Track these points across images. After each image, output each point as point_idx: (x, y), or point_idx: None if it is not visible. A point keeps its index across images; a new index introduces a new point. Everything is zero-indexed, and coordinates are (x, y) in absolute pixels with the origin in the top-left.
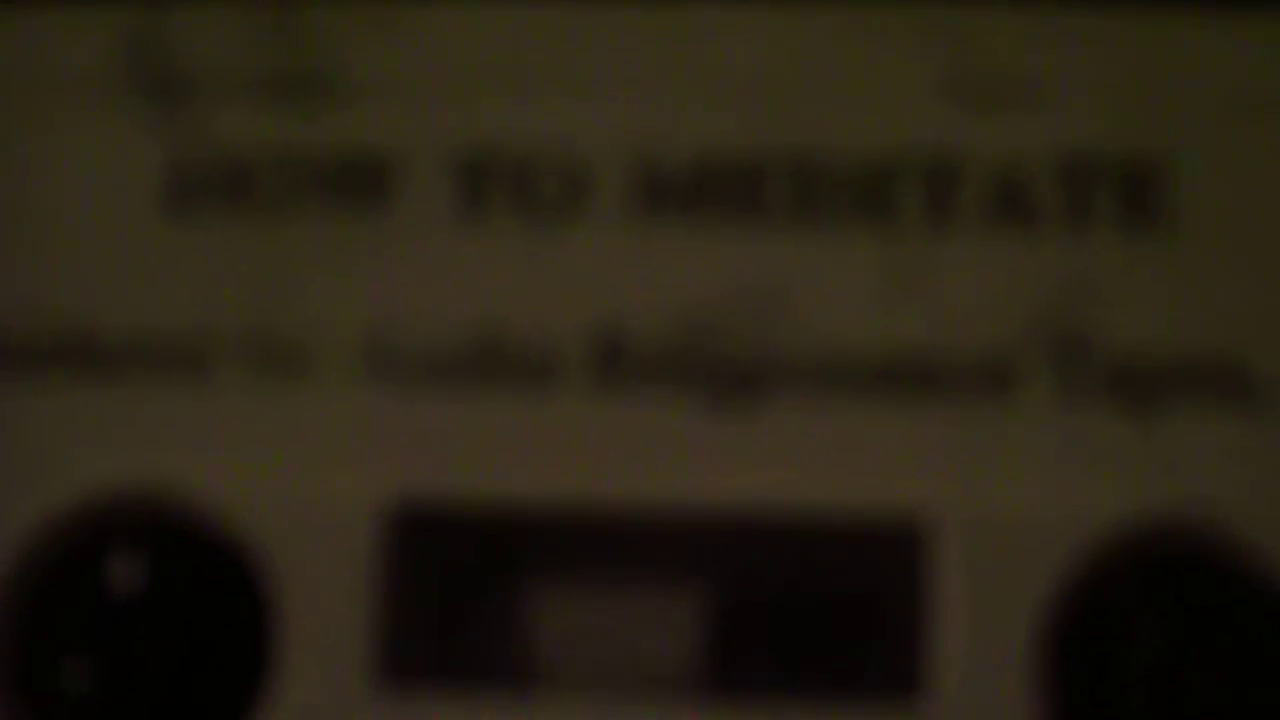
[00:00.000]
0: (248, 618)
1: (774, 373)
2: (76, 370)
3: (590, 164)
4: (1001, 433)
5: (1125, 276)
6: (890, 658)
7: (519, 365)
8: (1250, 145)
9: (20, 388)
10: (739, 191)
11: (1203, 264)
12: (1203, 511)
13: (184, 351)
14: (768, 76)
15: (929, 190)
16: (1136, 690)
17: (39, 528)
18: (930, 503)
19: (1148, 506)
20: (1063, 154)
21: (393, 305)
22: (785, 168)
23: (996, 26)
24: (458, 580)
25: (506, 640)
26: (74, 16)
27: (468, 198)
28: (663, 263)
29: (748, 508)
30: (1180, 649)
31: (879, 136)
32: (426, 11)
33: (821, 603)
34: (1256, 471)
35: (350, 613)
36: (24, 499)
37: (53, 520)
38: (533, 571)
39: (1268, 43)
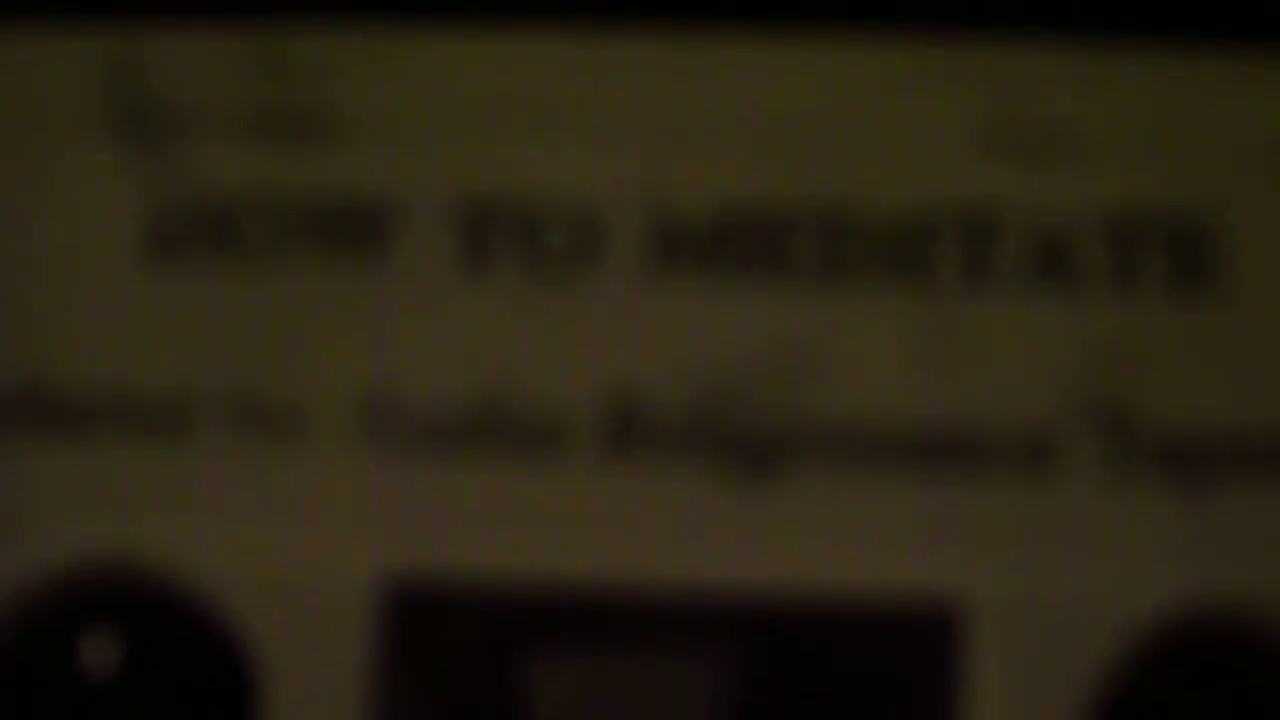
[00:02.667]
0: (231, 699)
1: (798, 443)
2: (49, 430)
3: (603, 213)
4: (1041, 510)
5: (1174, 343)
6: None
7: (524, 431)
8: None
9: None
10: (763, 246)
11: (1257, 330)
12: (1254, 596)
13: (165, 411)
14: (795, 122)
15: (965, 247)
16: None
17: (6, 602)
18: (964, 585)
19: (1196, 591)
20: (1108, 210)
21: (390, 364)
22: (813, 221)
23: (1039, 72)
24: (457, 662)
25: None
26: (47, 47)
27: (471, 248)
28: (680, 322)
29: (769, 588)
30: None
31: (913, 189)
32: (428, 44)
33: (847, 691)
34: None
35: (341, 696)
36: None
37: (21, 594)
38: (537, 653)
39: None
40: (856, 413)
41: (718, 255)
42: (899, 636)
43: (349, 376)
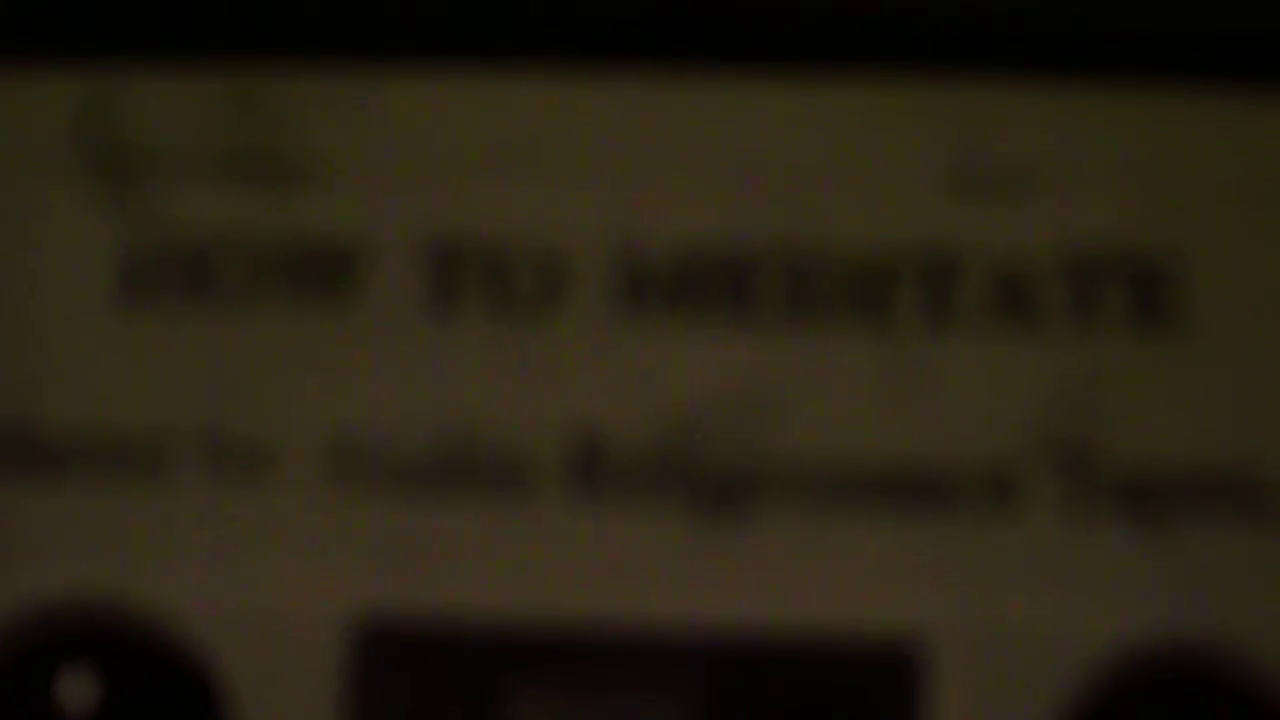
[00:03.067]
0: None
1: (763, 482)
2: (21, 470)
3: (570, 255)
4: (1003, 548)
5: (1135, 381)
6: None
7: (492, 470)
8: (1271, 238)
9: None
10: (728, 286)
11: (1218, 368)
12: (1214, 631)
13: (137, 451)
14: (760, 163)
15: (928, 287)
16: None
17: None
18: (926, 622)
19: (1157, 626)
20: (1070, 249)
21: (359, 405)
22: (778, 261)
23: (1001, 112)
24: (426, 699)
25: None
26: (22, 89)
27: (439, 290)
28: (646, 362)
29: (734, 627)
30: None
31: (877, 229)
32: (397, 88)
33: None
34: (1268, 588)
35: None
36: None
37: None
38: (505, 690)
39: None
40: (821, 452)
41: (683, 295)
42: (863, 673)
43: (319, 416)
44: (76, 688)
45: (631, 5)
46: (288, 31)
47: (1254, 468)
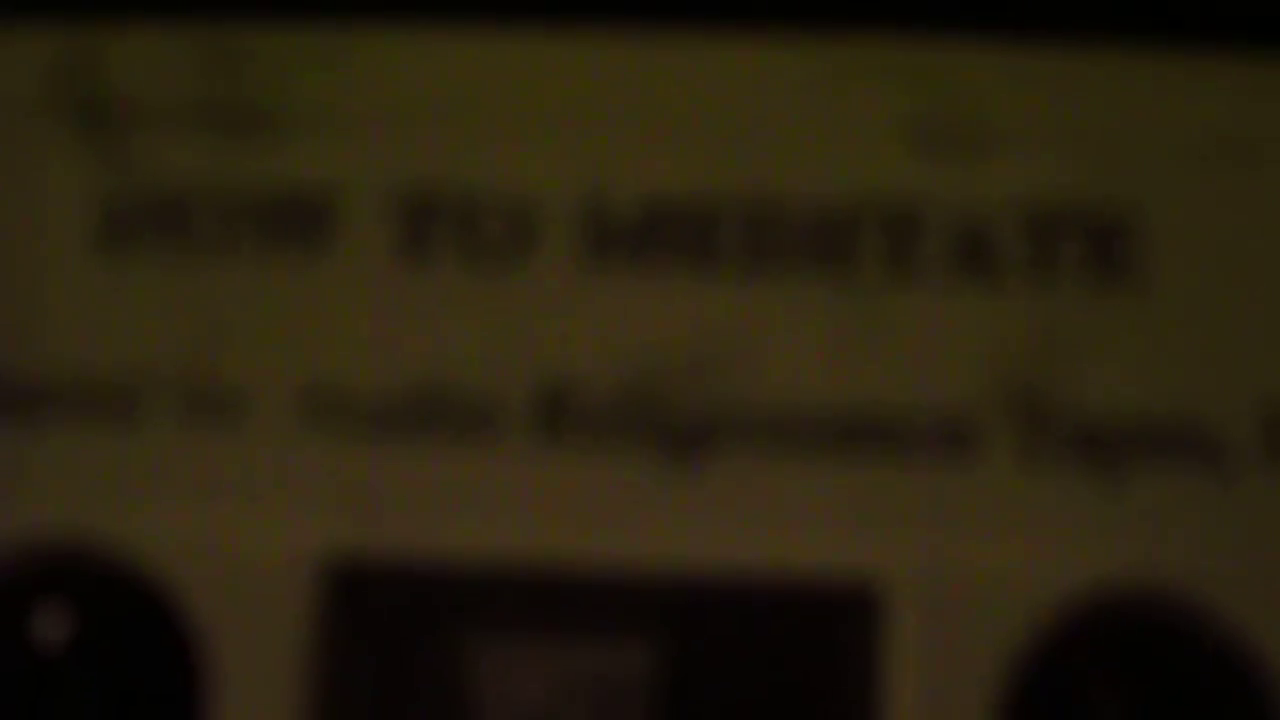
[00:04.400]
0: (178, 672)
1: (725, 427)
2: (3, 413)
3: (538, 206)
4: (961, 493)
5: (1092, 332)
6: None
7: (461, 415)
8: (1224, 196)
9: None
10: (692, 237)
11: (1173, 320)
12: (1166, 577)
13: (115, 395)
14: (723, 118)
15: (888, 239)
16: None
17: None
18: (886, 565)
19: (1110, 571)
20: (1028, 203)
21: (331, 350)
22: (740, 214)
23: (961, 70)
24: (394, 636)
25: (443, 698)
26: (3, 42)
27: (410, 238)
28: (611, 311)
29: (696, 567)
30: (1138, 713)
31: (838, 183)
32: (370, 42)
33: (771, 666)
34: (1222, 536)
35: (284, 668)
36: None
37: None
38: (471, 627)
39: (1241, 88)
40: (781, 398)
41: (648, 246)
42: (822, 613)
43: (293, 362)
44: (53, 622)
45: None
46: None
47: (1205, 418)
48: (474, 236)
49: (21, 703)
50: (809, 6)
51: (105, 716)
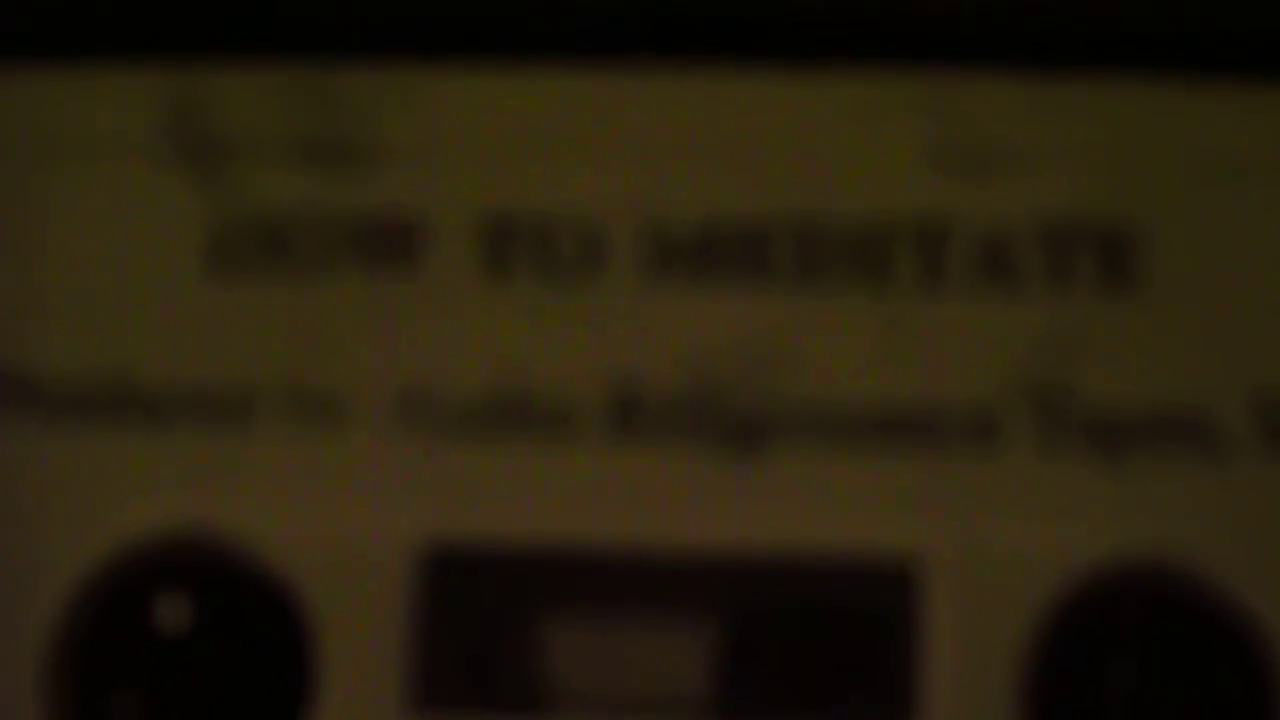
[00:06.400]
0: (288, 652)
1: (777, 423)
2: (126, 419)
3: (606, 227)
4: (986, 479)
5: (1102, 334)
6: (885, 684)
7: (540, 416)
8: (1222, 211)
9: (75, 435)
10: (744, 253)
11: (1174, 323)
12: (1170, 552)
13: (227, 402)
14: (771, 145)
15: (919, 253)
16: (1111, 715)
17: (91, 569)
18: (921, 543)
19: (1120, 548)
20: (1044, 219)
21: (422, 360)
22: (788, 231)
23: (982, 99)
24: (483, 615)
25: (528, 670)
26: (121, 82)
27: (491, 259)
28: (674, 320)
29: (753, 548)
30: (1149, 677)
31: (874, 202)
32: (454, 81)
33: (822, 634)
34: (1220, 516)
35: (383, 646)
36: (77, 541)
37: (104, 562)
38: (552, 607)
39: (1234, 114)
40: (827, 397)
41: (706, 262)
42: (865, 590)
43: (387, 370)
44: (173, 611)
45: (660, 10)
46: (356, 30)
47: (1205, 410)
48: (549, 256)
49: (145, 685)
50: (845, 47)
51: (222, 697)
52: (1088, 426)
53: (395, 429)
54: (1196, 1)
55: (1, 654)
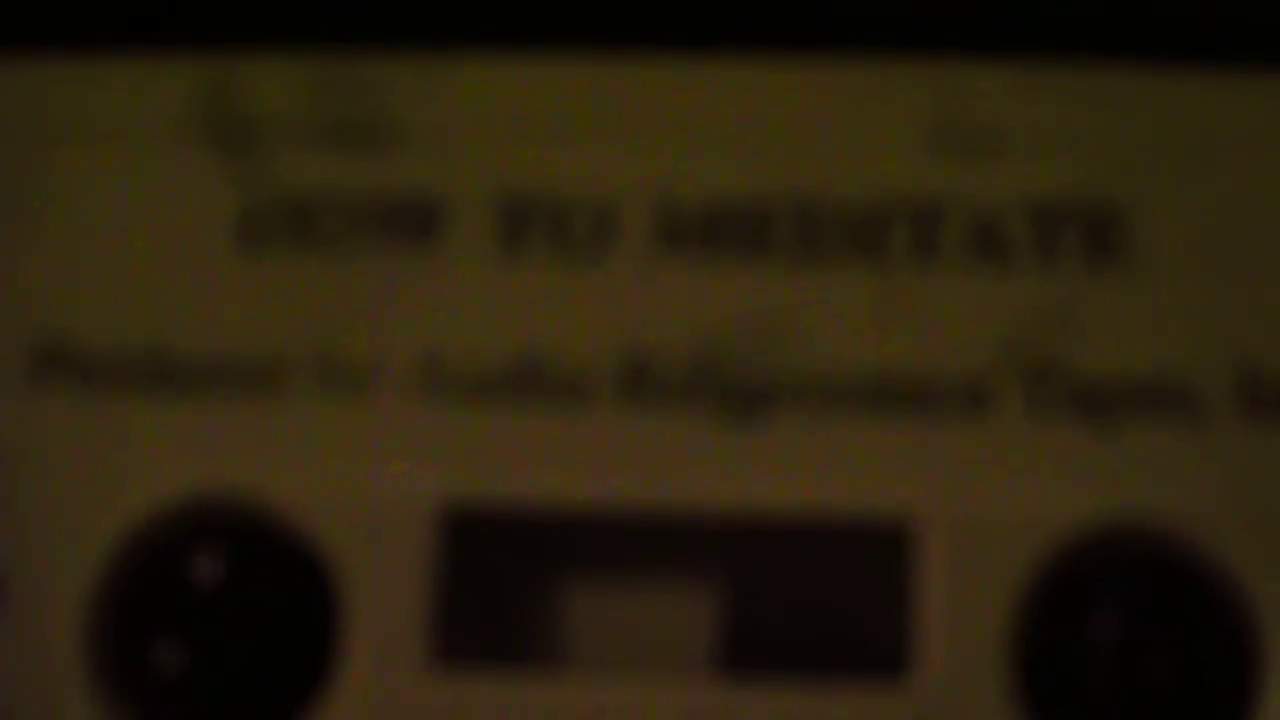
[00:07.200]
0: (316, 606)
1: (779, 391)
2: (164, 388)
3: (617, 206)
4: (978, 444)
5: (1089, 308)
6: (881, 641)
7: (554, 384)
8: (1204, 192)
9: (115, 403)
10: (748, 231)
11: (1157, 296)
12: (1153, 513)
13: (258, 371)
14: (773, 129)
15: (915, 231)
16: (1097, 669)
17: (131, 529)
18: (916, 506)
19: (1105, 509)
20: (1033, 199)
21: (443, 331)
22: (789, 210)
23: (976, 85)
24: (501, 574)
25: (543, 626)
26: (157, 71)
27: (508, 236)
28: (681, 294)
29: (756, 510)
30: (1132, 633)
31: (872, 183)
32: (471, 66)
33: (821, 593)
34: (1201, 481)
35: (406, 600)
36: (117, 503)
37: (143, 522)
38: (566, 565)
39: (1213, 99)
40: (827, 366)
41: (712, 239)
42: (862, 549)
43: (410, 341)
44: (209, 567)
45: (669, 1)
46: (378, 20)
47: (1188, 379)
48: (563, 233)
49: (182, 635)
50: (844, 35)
51: (253, 647)
52: (1075, 394)
53: (417, 396)
54: None
55: (50, 608)
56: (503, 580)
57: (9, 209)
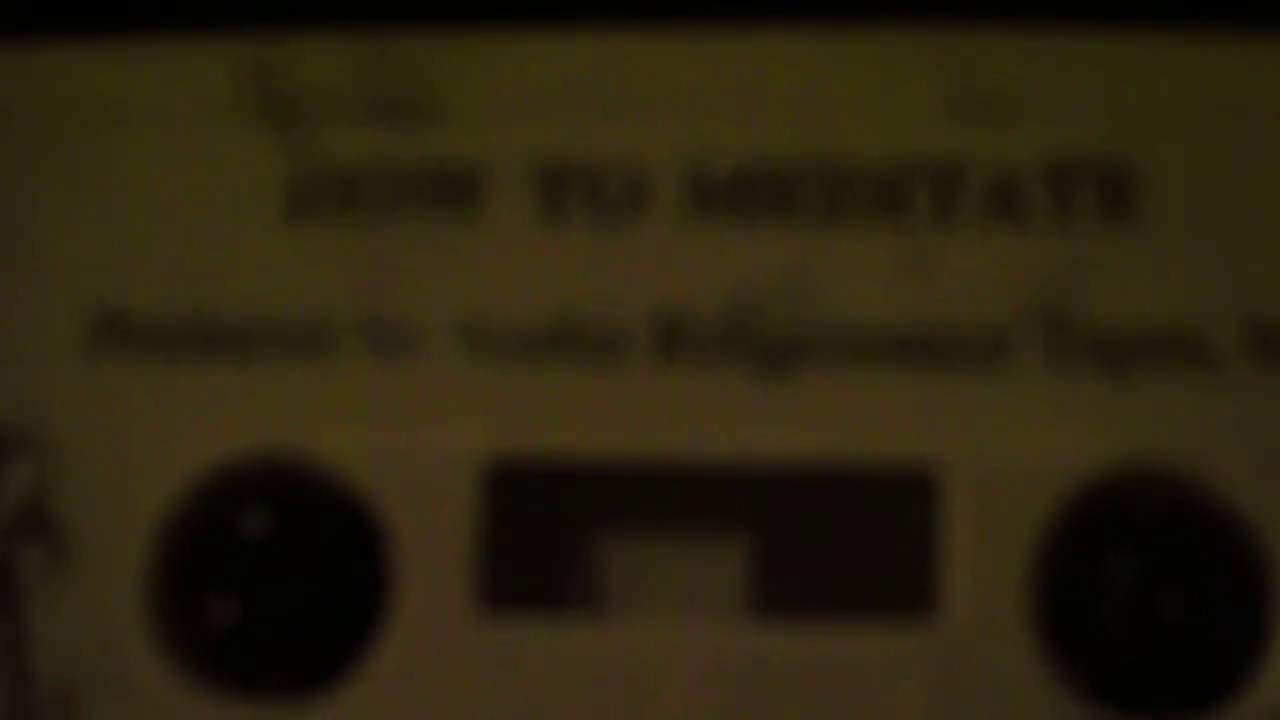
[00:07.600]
0: (365, 559)
1: (807, 346)
2: (217, 353)
3: (650, 173)
4: (998, 395)
5: (1104, 263)
6: (907, 584)
7: (591, 343)
8: (1214, 151)
9: (170, 368)
10: (776, 194)
11: (1171, 249)
12: (1169, 458)
13: (307, 334)
14: (800, 96)
15: (935, 192)
16: (1114, 608)
17: (187, 488)
18: (939, 454)
19: (1122, 456)
20: (1050, 160)
21: (485, 294)
22: (814, 173)
23: (993, 51)
24: (542, 524)
25: (583, 573)
26: (207, 51)
27: (546, 203)
28: (712, 255)
29: (785, 460)
30: (1150, 573)
31: (894, 146)
32: (509, 41)
33: (848, 539)
34: (1213, 426)
35: (451, 552)
36: (173, 463)
37: (199, 481)
38: (605, 516)
39: (1224, 61)
40: (852, 321)
41: (741, 202)
42: (889, 497)
43: (453, 304)
44: (259, 519)
45: None
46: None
47: (1201, 329)
48: (599, 199)
49: (234, 586)
50: (866, 4)
51: (306, 597)
52: (1092, 345)
53: (460, 356)
54: None
55: (112, 565)
56: (544, 530)
57: (65, 187)
